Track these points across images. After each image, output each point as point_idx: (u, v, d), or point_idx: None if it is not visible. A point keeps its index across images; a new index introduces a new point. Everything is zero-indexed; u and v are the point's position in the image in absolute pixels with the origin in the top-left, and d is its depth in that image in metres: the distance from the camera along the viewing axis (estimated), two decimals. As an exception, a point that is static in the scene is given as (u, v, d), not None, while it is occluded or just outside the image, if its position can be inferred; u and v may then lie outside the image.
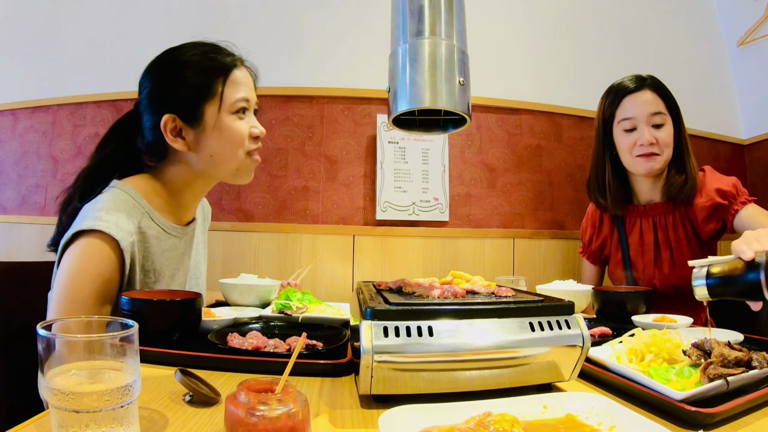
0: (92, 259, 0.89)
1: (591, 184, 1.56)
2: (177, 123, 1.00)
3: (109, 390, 0.44)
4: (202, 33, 2.01)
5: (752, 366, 0.64)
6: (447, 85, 0.66)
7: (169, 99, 1.01)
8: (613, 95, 1.47)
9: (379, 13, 1.86)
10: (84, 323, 0.51)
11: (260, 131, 1.07)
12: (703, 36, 2.34)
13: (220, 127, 1.01)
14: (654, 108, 1.38)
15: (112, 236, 0.89)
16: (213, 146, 1.02)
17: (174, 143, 1.00)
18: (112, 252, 0.90)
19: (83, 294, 0.88)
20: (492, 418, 0.48)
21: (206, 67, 1.01)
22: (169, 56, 1.05)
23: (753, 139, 2.28)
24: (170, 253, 1.06)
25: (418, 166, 1.92)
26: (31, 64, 2.03)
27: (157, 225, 1.02)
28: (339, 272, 1.85)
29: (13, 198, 1.96)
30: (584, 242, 1.68)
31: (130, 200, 0.98)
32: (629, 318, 1.10)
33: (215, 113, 1.01)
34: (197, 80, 1.00)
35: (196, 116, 1.00)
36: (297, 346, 0.52)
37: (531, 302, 0.67)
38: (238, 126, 1.03)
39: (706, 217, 1.37)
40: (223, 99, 1.01)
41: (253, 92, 1.09)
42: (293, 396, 0.45)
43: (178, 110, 0.99)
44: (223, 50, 1.06)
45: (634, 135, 1.40)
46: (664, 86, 1.43)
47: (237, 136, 1.02)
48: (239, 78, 1.04)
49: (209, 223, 1.38)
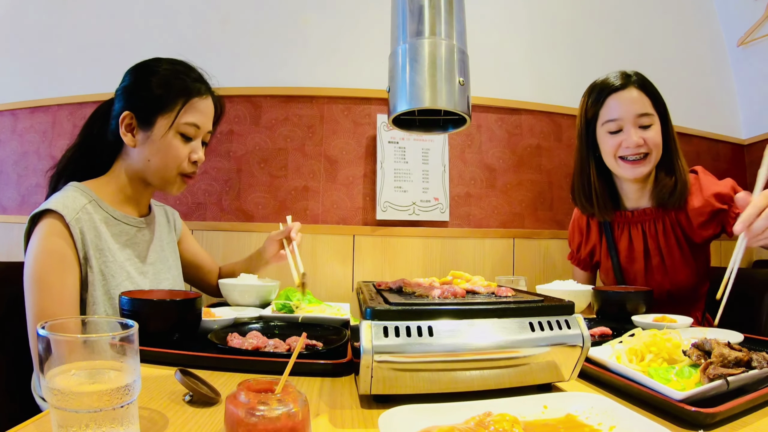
0: (46, 237, 0.99)
1: (575, 189, 1.47)
2: (133, 121, 1.11)
3: (109, 390, 0.44)
4: (202, 33, 2.02)
5: (752, 366, 0.64)
6: (447, 85, 0.66)
7: (134, 99, 1.11)
8: (596, 93, 1.36)
9: (378, 13, 1.86)
10: (84, 323, 0.51)
11: (198, 157, 1.16)
12: (703, 36, 2.34)
13: (164, 140, 1.11)
14: (641, 108, 1.29)
15: (58, 212, 0.99)
16: (152, 153, 1.11)
17: (124, 136, 1.11)
18: (62, 227, 1.00)
19: (45, 272, 0.97)
20: (492, 418, 0.48)
21: (172, 84, 1.11)
22: (150, 63, 1.16)
23: (753, 139, 2.28)
24: (120, 238, 1.13)
25: (418, 166, 1.92)
26: (31, 64, 2.03)
27: (104, 211, 1.11)
28: (339, 272, 1.85)
29: (13, 198, 1.96)
30: (572, 249, 1.63)
31: (77, 190, 1.09)
32: (629, 318, 1.10)
33: (165, 127, 1.10)
34: (160, 92, 1.10)
35: (148, 122, 1.10)
36: (297, 346, 0.52)
37: (531, 302, 0.67)
38: (178, 146, 1.12)
39: (704, 222, 1.31)
40: (176, 118, 1.10)
41: (208, 122, 1.19)
42: (293, 396, 0.45)
43: (136, 110, 1.10)
44: (194, 74, 1.16)
45: (619, 137, 1.31)
46: (650, 83, 1.34)
47: (174, 155, 1.12)
48: (198, 106, 1.14)
49: (180, 232, 1.40)
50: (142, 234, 1.19)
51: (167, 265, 1.26)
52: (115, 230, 1.12)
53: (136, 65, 1.16)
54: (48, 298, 0.96)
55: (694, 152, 2.20)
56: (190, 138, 1.14)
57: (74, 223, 1.01)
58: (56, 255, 0.99)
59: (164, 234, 1.30)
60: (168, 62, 1.15)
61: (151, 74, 1.12)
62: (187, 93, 1.12)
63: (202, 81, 1.17)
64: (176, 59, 1.17)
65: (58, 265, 0.99)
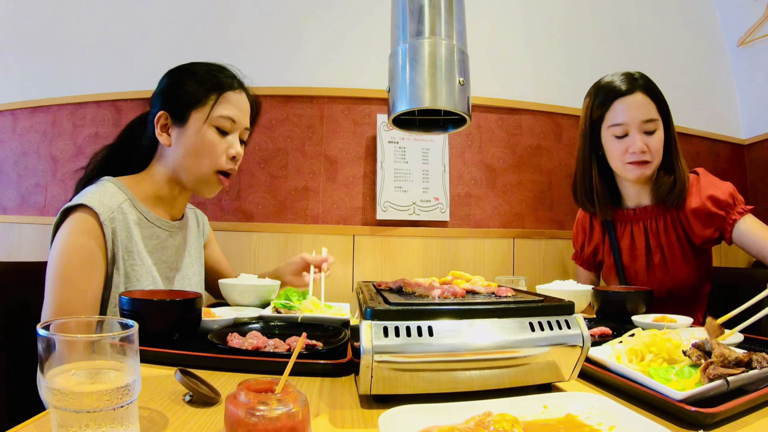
0: (77, 233, 0.97)
1: (578, 188, 1.49)
2: (167, 121, 1.12)
3: (109, 390, 0.44)
4: (203, 33, 2.02)
5: (752, 366, 0.64)
6: (447, 85, 0.66)
7: (169, 98, 1.13)
8: (602, 96, 1.37)
9: (379, 13, 1.86)
10: (84, 323, 0.51)
11: (236, 152, 1.15)
12: (703, 36, 2.34)
13: (198, 134, 1.10)
14: (646, 114, 1.31)
15: (93, 209, 0.98)
16: (187, 149, 1.11)
17: (160, 136, 1.12)
18: (95, 225, 0.98)
19: (71, 268, 0.96)
20: (492, 418, 0.48)
21: (205, 79, 1.12)
22: (185, 65, 1.17)
23: (753, 139, 2.28)
24: (150, 242, 1.12)
25: (418, 166, 1.92)
26: (31, 64, 2.03)
27: (138, 211, 1.09)
28: (339, 272, 1.85)
29: (13, 198, 1.96)
30: (576, 249, 1.65)
31: (113, 187, 1.07)
32: (629, 318, 1.10)
33: (199, 121, 1.10)
34: (193, 88, 1.11)
35: (182, 118, 1.11)
36: (297, 346, 0.52)
37: (531, 302, 0.67)
38: (213, 140, 1.11)
39: (700, 223, 1.32)
40: (211, 111, 1.11)
41: (245, 118, 1.17)
42: (293, 396, 0.45)
43: (170, 109, 1.11)
44: (226, 71, 1.17)
45: (625, 141, 1.33)
46: (655, 86, 1.35)
47: (209, 150, 1.11)
48: (232, 99, 1.14)
49: (207, 236, 1.41)
50: (173, 239, 1.19)
51: (193, 271, 1.27)
52: (147, 233, 1.10)
53: (171, 69, 1.17)
54: (70, 294, 0.95)
55: (694, 152, 2.20)
56: (226, 132, 1.13)
57: (108, 222, 1.00)
58: (85, 252, 0.97)
59: (193, 239, 1.30)
60: (202, 63, 1.17)
61: (183, 74, 1.14)
62: (219, 87, 1.12)
63: (235, 77, 1.17)
64: (209, 62, 1.18)
65: (86, 262, 0.97)
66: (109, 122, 1.93)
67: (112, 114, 1.93)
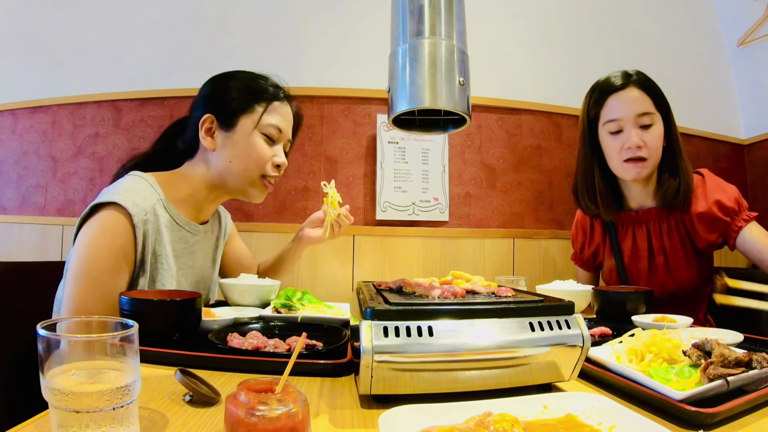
0: (107, 232, 0.94)
1: (579, 190, 1.46)
2: (213, 125, 1.12)
3: (109, 390, 0.44)
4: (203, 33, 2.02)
5: (752, 366, 0.64)
6: (447, 85, 0.66)
7: (215, 103, 1.13)
8: (597, 94, 1.36)
9: (379, 13, 1.86)
10: (84, 323, 0.51)
11: (281, 161, 1.17)
12: (703, 36, 2.34)
13: (247, 140, 1.11)
14: (641, 108, 1.28)
15: (127, 210, 0.94)
16: (235, 154, 1.11)
17: (204, 140, 1.11)
18: (127, 225, 0.96)
19: (99, 267, 0.92)
20: (492, 418, 0.48)
21: (253, 87, 1.15)
22: (229, 72, 1.18)
23: (753, 139, 2.28)
24: (178, 245, 1.11)
25: (418, 166, 1.92)
26: (31, 64, 2.03)
27: (168, 214, 1.08)
28: (339, 272, 1.85)
29: (13, 198, 1.96)
30: (576, 250, 1.63)
31: (147, 185, 1.05)
32: (629, 318, 1.10)
33: (248, 127, 1.11)
34: (242, 94, 1.13)
35: (230, 123, 1.11)
36: (297, 346, 0.52)
37: (531, 302, 0.67)
38: (262, 147, 1.13)
39: (705, 227, 1.30)
40: (261, 119, 1.12)
41: (289, 129, 1.19)
42: (293, 396, 0.45)
43: (217, 113, 1.11)
44: (272, 81, 1.19)
45: (621, 138, 1.31)
46: (652, 82, 1.33)
47: (258, 155, 1.12)
48: (279, 109, 1.17)
49: (230, 233, 1.42)
50: (199, 243, 1.19)
51: (209, 273, 1.28)
52: (176, 236, 1.10)
53: (215, 75, 1.18)
54: (95, 295, 0.93)
55: (694, 152, 2.20)
56: (273, 141, 1.15)
57: (141, 224, 0.97)
58: (115, 253, 0.95)
59: (213, 242, 1.30)
60: (246, 71, 1.18)
61: (231, 80, 1.14)
62: (269, 96, 1.14)
63: (282, 88, 1.19)
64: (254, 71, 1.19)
65: (114, 264, 0.95)
66: (109, 122, 1.93)
67: (112, 114, 1.93)
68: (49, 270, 1.13)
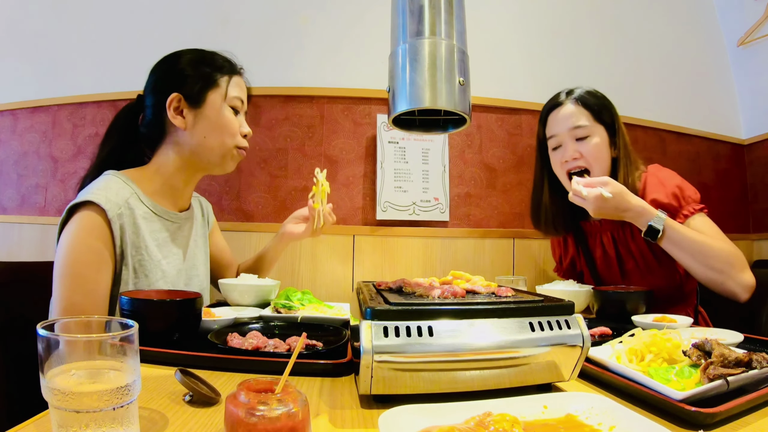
0: (85, 230, 0.97)
1: (531, 210, 1.52)
2: (181, 103, 1.11)
3: (109, 390, 0.44)
4: (202, 33, 2.02)
5: (752, 366, 0.64)
6: (447, 85, 0.66)
7: (179, 81, 1.12)
8: (542, 114, 1.43)
9: (379, 13, 1.86)
10: (84, 323, 0.51)
11: (248, 131, 1.20)
12: (703, 36, 2.34)
13: (218, 114, 1.13)
14: (574, 121, 1.32)
15: (101, 206, 0.97)
16: (208, 129, 1.12)
17: (174, 119, 1.11)
18: (102, 222, 0.98)
19: (81, 265, 0.95)
20: (492, 418, 0.48)
21: (216, 63, 1.16)
22: (187, 51, 1.18)
23: (753, 139, 2.28)
24: (160, 235, 1.12)
25: (418, 166, 1.92)
26: (31, 64, 2.03)
27: (145, 206, 1.09)
28: (339, 272, 1.85)
29: (13, 198, 1.96)
30: (556, 261, 1.67)
31: (119, 182, 1.06)
32: (629, 318, 1.10)
33: (218, 101, 1.13)
34: (206, 71, 1.14)
35: (199, 100, 1.12)
36: (297, 346, 0.52)
37: (531, 302, 0.67)
38: (232, 119, 1.16)
39: None
40: (227, 91, 1.14)
41: (246, 101, 1.23)
42: (293, 396, 0.45)
43: (184, 91, 1.11)
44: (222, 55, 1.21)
45: (560, 152, 1.36)
46: (592, 96, 1.36)
47: (231, 126, 1.15)
48: (239, 83, 1.20)
49: (212, 225, 1.41)
50: (180, 231, 1.20)
51: (199, 261, 1.28)
52: (155, 226, 1.11)
53: (171, 54, 1.18)
54: (80, 292, 0.95)
55: (694, 152, 2.20)
56: (237, 112, 1.17)
57: (116, 219, 0.99)
58: (94, 250, 0.97)
59: (199, 228, 1.31)
60: (192, 49, 1.19)
61: (186, 59, 1.15)
62: (230, 69, 1.17)
63: (233, 61, 1.21)
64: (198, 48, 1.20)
65: (95, 260, 0.97)
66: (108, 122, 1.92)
67: (112, 114, 1.90)
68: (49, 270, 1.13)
